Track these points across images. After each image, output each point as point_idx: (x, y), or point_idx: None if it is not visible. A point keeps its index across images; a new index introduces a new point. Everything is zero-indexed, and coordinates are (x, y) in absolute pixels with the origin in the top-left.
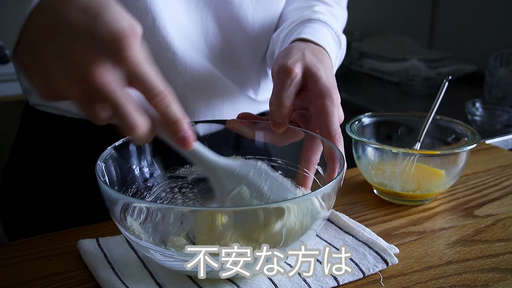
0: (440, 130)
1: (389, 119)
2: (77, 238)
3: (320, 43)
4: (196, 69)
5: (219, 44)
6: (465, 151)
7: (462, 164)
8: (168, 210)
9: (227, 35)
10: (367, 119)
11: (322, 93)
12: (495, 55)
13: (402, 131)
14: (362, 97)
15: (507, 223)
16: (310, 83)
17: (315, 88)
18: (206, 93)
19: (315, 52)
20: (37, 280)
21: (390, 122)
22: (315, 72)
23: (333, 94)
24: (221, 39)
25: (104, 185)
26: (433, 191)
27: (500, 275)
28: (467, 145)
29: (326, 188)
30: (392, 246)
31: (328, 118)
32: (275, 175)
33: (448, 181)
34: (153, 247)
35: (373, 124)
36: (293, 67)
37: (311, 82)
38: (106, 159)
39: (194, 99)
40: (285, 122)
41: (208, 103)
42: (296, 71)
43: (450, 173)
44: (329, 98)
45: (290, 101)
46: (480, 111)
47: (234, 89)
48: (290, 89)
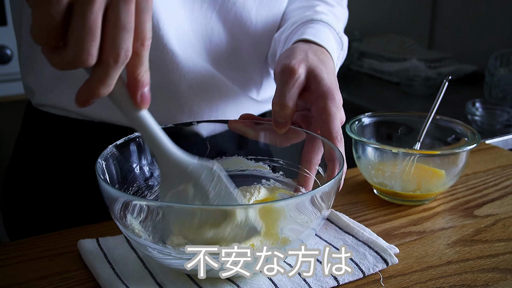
0: (440, 130)
1: (389, 119)
2: (77, 238)
3: (322, 44)
4: (199, 71)
5: (223, 45)
6: (465, 151)
7: (462, 164)
8: (168, 208)
9: (231, 35)
10: (367, 119)
11: (324, 94)
12: (495, 55)
13: (402, 131)
14: (362, 97)
15: (507, 223)
16: (313, 83)
17: (318, 89)
18: (210, 95)
19: (317, 53)
20: (37, 280)
21: (390, 122)
22: (318, 73)
23: (335, 96)
24: (225, 40)
25: (103, 183)
26: (433, 191)
27: (500, 275)
28: (467, 145)
29: (324, 187)
30: (392, 246)
31: (329, 119)
32: (228, 182)
33: (448, 181)
34: (152, 246)
35: (373, 124)
36: (297, 67)
37: (314, 82)
38: (106, 158)
39: (198, 101)
40: (288, 123)
41: (212, 105)
42: (300, 71)
43: (450, 173)
44: (331, 99)
45: (293, 102)
46: (480, 111)
47: (237, 91)
48: (293, 89)
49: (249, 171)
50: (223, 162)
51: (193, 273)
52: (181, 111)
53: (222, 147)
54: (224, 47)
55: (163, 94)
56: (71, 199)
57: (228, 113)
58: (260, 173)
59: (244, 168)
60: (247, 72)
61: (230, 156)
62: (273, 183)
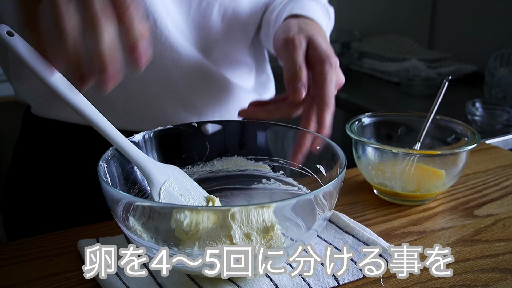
0: (440, 130)
1: (389, 119)
2: (77, 238)
3: (311, 17)
4: (199, 67)
5: (220, 39)
6: (465, 151)
7: (462, 164)
8: (170, 210)
9: (226, 29)
10: (367, 119)
11: (321, 58)
12: (495, 55)
13: (402, 131)
14: (362, 97)
15: (507, 223)
16: (310, 50)
17: (314, 55)
18: (211, 91)
19: (308, 24)
20: (37, 280)
21: (390, 122)
22: (314, 40)
23: (331, 59)
24: (221, 35)
25: (106, 185)
26: (433, 191)
27: (500, 275)
28: (467, 145)
29: (328, 186)
30: (392, 246)
31: (324, 84)
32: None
33: (448, 181)
34: (156, 247)
35: (373, 124)
36: (297, 36)
37: (311, 49)
38: (108, 160)
39: (201, 96)
40: (305, 85)
41: (215, 101)
42: (301, 39)
43: (450, 173)
44: (328, 63)
45: (304, 65)
46: (480, 111)
47: (235, 84)
48: (300, 55)
49: (249, 171)
50: (223, 162)
51: (194, 273)
52: (184, 109)
53: (222, 147)
54: (222, 41)
55: (165, 92)
56: (70, 199)
57: (231, 107)
58: (260, 173)
59: (244, 168)
60: (238, 63)
61: (230, 156)
62: (273, 182)
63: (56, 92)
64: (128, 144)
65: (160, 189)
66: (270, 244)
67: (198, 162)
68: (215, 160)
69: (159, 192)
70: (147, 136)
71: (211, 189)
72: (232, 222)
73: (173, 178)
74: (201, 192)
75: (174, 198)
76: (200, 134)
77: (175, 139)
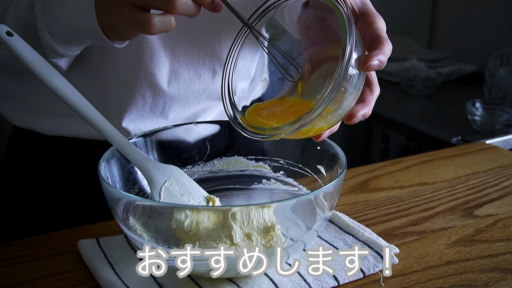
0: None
1: None
2: (77, 238)
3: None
4: (197, 72)
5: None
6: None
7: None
8: (171, 209)
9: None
10: None
11: (370, 12)
12: (495, 55)
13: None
14: None
15: (507, 223)
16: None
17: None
18: (209, 95)
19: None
20: (37, 280)
21: None
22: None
23: (378, 14)
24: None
25: (106, 184)
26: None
27: (500, 275)
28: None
29: (328, 187)
30: (392, 246)
31: (376, 25)
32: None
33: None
34: (156, 247)
35: None
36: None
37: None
38: (108, 159)
39: (203, 99)
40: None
41: (211, 104)
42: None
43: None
44: (378, 16)
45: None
46: (480, 111)
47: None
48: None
49: (249, 171)
50: (223, 162)
51: (194, 273)
52: (181, 111)
53: (222, 147)
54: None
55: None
56: (70, 199)
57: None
58: (261, 173)
59: (244, 168)
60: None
61: (230, 156)
62: (273, 182)
63: (56, 92)
64: (128, 144)
65: (160, 189)
66: (270, 244)
67: (198, 162)
68: (215, 160)
69: (160, 192)
70: (147, 136)
71: (211, 189)
72: (232, 222)
73: (173, 178)
74: (201, 192)
75: (175, 198)
76: (200, 134)
77: (175, 139)
